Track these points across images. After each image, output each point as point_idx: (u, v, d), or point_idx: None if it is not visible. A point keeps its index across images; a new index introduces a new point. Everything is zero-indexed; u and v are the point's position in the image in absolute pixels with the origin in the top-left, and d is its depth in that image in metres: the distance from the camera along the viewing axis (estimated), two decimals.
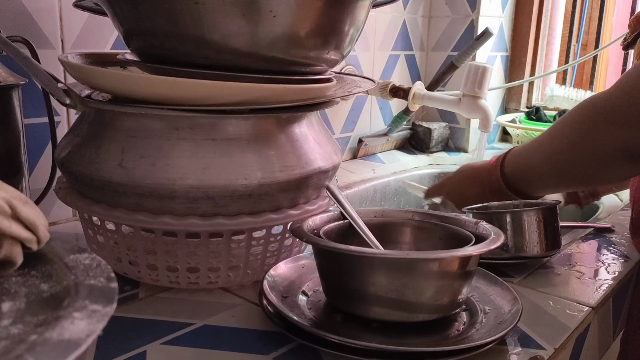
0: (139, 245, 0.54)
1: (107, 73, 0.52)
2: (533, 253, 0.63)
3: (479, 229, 0.53)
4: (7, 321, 0.31)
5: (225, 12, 0.47)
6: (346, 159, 1.22)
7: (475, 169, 0.77)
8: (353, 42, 0.57)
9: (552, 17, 1.48)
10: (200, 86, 0.48)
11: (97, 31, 0.77)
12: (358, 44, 1.16)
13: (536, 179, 0.70)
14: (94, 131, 0.53)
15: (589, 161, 0.63)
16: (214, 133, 0.51)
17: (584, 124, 0.62)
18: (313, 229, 0.53)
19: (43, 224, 0.36)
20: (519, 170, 0.71)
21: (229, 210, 0.52)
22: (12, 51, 0.49)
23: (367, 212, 0.58)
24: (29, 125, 0.72)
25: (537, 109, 1.35)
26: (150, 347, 0.47)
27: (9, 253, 0.34)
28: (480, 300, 0.54)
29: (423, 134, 1.32)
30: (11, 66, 0.61)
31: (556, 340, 0.50)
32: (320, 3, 0.50)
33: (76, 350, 0.28)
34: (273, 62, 0.52)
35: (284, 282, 0.55)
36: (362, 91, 0.64)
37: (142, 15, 0.50)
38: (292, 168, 0.53)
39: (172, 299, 0.56)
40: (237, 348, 0.48)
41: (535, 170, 0.70)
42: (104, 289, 0.34)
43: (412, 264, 0.46)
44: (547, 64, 1.49)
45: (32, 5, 0.70)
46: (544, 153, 0.67)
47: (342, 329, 0.49)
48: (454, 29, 1.33)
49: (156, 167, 0.50)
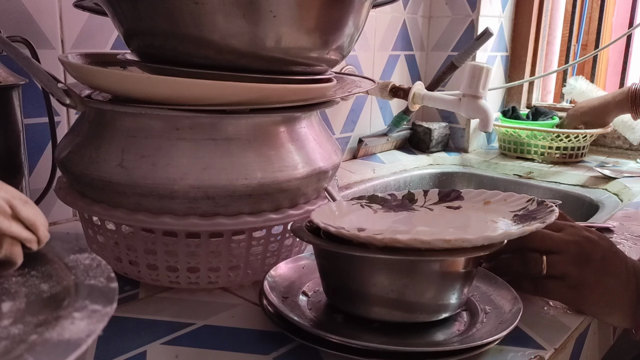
0: (139, 245, 0.54)
1: (107, 73, 0.52)
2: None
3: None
4: (7, 321, 0.31)
5: (225, 12, 0.47)
6: (346, 159, 1.22)
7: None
8: (353, 42, 0.57)
9: (552, 17, 1.48)
10: (200, 86, 0.48)
11: (97, 31, 0.77)
12: (358, 44, 1.16)
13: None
14: (94, 131, 0.53)
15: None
16: (214, 133, 0.51)
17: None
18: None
19: (43, 224, 0.36)
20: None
21: (229, 210, 0.52)
22: (12, 51, 0.49)
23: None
24: (29, 125, 0.72)
25: (514, 108, 1.36)
26: (150, 347, 0.47)
27: (9, 253, 0.34)
28: (480, 300, 0.54)
29: (423, 134, 1.32)
30: (11, 66, 0.61)
31: (556, 340, 0.50)
32: (320, 3, 0.50)
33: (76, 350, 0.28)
34: (273, 62, 0.52)
35: (284, 283, 0.55)
36: (362, 91, 0.64)
37: (142, 15, 0.50)
38: (292, 168, 0.53)
39: (172, 299, 0.56)
40: (237, 348, 0.48)
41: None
42: (104, 289, 0.34)
43: (413, 264, 0.46)
44: (547, 64, 1.49)
45: (32, 5, 0.70)
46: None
47: (343, 329, 0.49)
48: (454, 29, 1.33)
49: (156, 167, 0.50)
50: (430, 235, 0.43)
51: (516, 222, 0.52)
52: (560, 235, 0.54)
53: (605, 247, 0.54)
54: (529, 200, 0.55)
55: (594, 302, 0.54)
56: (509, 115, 1.34)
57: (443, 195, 0.60)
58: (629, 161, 1.27)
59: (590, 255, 0.53)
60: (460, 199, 0.59)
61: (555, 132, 1.22)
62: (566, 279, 0.53)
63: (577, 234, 0.54)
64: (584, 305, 0.54)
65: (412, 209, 0.59)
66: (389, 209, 0.59)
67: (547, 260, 0.53)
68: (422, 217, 0.57)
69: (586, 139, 1.23)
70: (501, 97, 1.47)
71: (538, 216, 0.51)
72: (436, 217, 0.57)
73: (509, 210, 0.55)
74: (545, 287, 0.54)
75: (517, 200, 0.56)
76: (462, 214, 0.57)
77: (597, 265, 0.53)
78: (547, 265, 0.53)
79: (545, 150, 1.24)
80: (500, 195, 0.58)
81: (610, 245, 0.55)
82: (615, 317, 0.55)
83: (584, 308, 0.55)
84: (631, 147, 1.34)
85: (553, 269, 0.53)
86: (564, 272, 0.53)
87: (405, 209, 0.59)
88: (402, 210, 0.59)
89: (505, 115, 1.34)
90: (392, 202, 0.61)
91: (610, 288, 0.53)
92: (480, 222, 0.54)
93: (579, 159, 1.25)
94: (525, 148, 1.27)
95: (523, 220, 0.51)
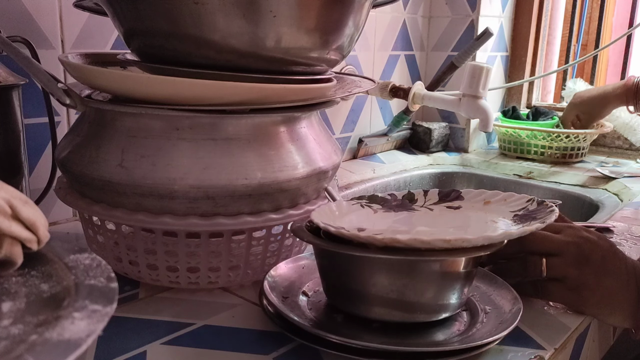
0: (139, 245, 0.54)
1: (107, 73, 0.52)
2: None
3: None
4: (8, 321, 0.31)
5: (225, 12, 0.47)
6: (346, 159, 1.22)
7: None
8: (353, 42, 0.57)
9: (552, 17, 1.48)
10: (200, 86, 0.48)
11: (97, 31, 0.77)
12: (358, 44, 1.16)
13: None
14: (94, 131, 0.53)
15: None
16: (214, 133, 0.51)
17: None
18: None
19: (43, 224, 0.36)
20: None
21: (229, 210, 0.52)
22: (12, 51, 0.49)
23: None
24: (29, 125, 0.72)
25: (514, 108, 1.36)
26: (150, 347, 0.47)
27: (9, 253, 0.34)
28: (480, 300, 0.54)
29: (423, 134, 1.32)
30: (11, 66, 0.61)
31: (556, 340, 0.50)
32: (320, 3, 0.50)
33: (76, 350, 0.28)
34: (273, 62, 0.52)
35: (284, 283, 0.55)
36: (362, 91, 0.64)
37: (142, 15, 0.50)
38: (292, 168, 0.53)
39: (172, 299, 0.56)
40: (237, 348, 0.48)
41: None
42: (104, 289, 0.34)
43: (413, 264, 0.46)
44: (547, 64, 1.49)
45: (32, 5, 0.70)
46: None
47: (343, 329, 0.49)
48: (454, 29, 1.33)
49: (156, 167, 0.50)
50: (430, 235, 0.43)
51: (516, 222, 0.52)
52: (560, 237, 0.54)
53: (604, 247, 0.54)
54: (529, 200, 0.55)
55: (595, 303, 0.54)
56: (509, 115, 1.34)
57: (443, 195, 0.60)
58: (629, 161, 1.27)
59: (590, 256, 0.53)
60: (460, 199, 0.59)
61: (555, 132, 1.22)
62: (566, 281, 0.53)
63: (576, 235, 0.54)
64: (585, 306, 0.54)
65: (412, 209, 0.59)
66: (389, 209, 0.59)
67: (546, 263, 0.53)
68: (422, 217, 0.57)
69: (586, 139, 1.23)
70: (501, 97, 1.47)
71: (538, 216, 0.51)
72: (436, 217, 0.57)
73: (509, 210, 0.55)
74: (546, 289, 0.55)
75: (517, 200, 0.56)
76: (462, 214, 0.57)
77: (597, 266, 0.53)
78: (547, 268, 0.53)
79: (545, 150, 1.24)
80: (500, 195, 0.58)
81: (610, 246, 0.55)
82: (616, 318, 0.55)
83: (585, 309, 0.55)
84: (631, 147, 1.34)
85: (553, 271, 0.53)
86: (564, 274, 0.53)
87: (405, 209, 0.59)
88: (402, 210, 0.59)
89: (505, 115, 1.35)
90: (392, 202, 0.61)
91: (611, 288, 0.53)
92: (480, 222, 0.54)
93: (579, 159, 1.25)
94: (525, 148, 1.27)
95: (523, 220, 0.51)
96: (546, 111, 1.35)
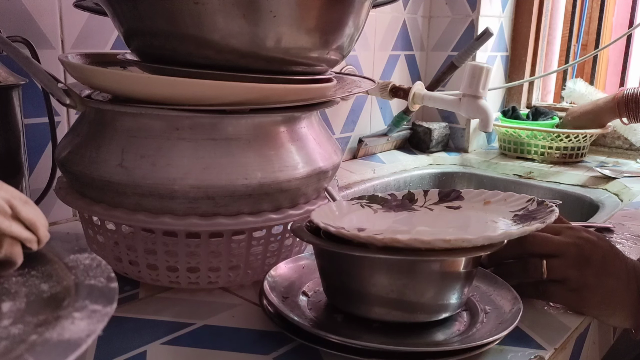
0: (139, 245, 0.54)
1: (107, 73, 0.52)
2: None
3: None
4: (8, 321, 0.31)
5: (225, 12, 0.47)
6: (346, 159, 1.22)
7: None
8: (353, 42, 0.57)
9: (552, 17, 1.48)
10: (200, 86, 0.48)
11: (97, 31, 0.77)
12: (358, 44, 1.16)
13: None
14: (94, 131, 0.53)
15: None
16: (214, 133, 0.51)
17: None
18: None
19: (43, 224, 0.36)
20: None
21: (229, 210, 0.52)
22: (12, 51, 0.49)
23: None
24: (29, 125, 0.72)
25: (514, 108, 1.36)
26: (150, 347, 0.47)
27: (9, 253, 0.34)
28: (480, 300, 0.54)
29: (423, 134, 1.32)
30: (11, 66, 0.61)
31: (556, 340, 0.50)
32: (320, 3, 0.50)
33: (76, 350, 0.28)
34: (273, 62, 0.52)
35: (284, 283, 0.55)
36: (362, 91, 0.64)
37: (142, 15, 0.50)
38: (292, 168, 0.53)
39: (172, 299, 0.56)
40: (237, 348, 0.48)
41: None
42: (104, 289, 0.34)
43: (413, 264, 0.46)
44: (547, 64, 1.49)
45: (32, 5, 0.70)
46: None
47: (343, 329, 0.49)
48: (454, 29, 1.33)
49: (156, 167, 0.50)
50: (430, 235, 0.43)
51: (516, 222, 0.52)
52: (560, 239, 0.54)
53: (604, 248, 0.54)
54: (529, 200, 0.55)
55: (596, 304, 0.54)
56: (509, 115, 1.34)
57: (443, 195, 0.60)
58: (629, 161, 1.27)
59: (590, 257, 0.53)
60: (460, 199, 0.59)
61: (555, 132, 1.22)
62: (567, 282, 0.53)
63: (576, 236, 0.54)
64: (586, 307, 0.54)
65: (412, 209, 0.59)
66: (389, 209, 0.59)
67: (547, 264, 0.53)
68: (422, 217, 0.57)
69: (586, 139, 1.23)
70: (501, 97, 1.47)
71: (538, 216, 0.51)
72: (436, 217, 0.57)
73: (509, 210, 0.55)
74: (547, 291, 0.55)
75: (517, 200, 0.56)
76: (462, 214, 0.57)
77: (597, 267, 0.53)
78: (548, 269, 0.53)
79: (545, 150, 1.24)
80: (500, 195, 0.58)
81: (610, 246, 0.55)
82: (616, 318, 0.55)
83: (586, 310, 0.55)
84: (631, 147, 1.34)
85: (553, 273, 0.53)
86: (565, 275, 0.53)
87: (405, 209, 0.59)
88: (402, 210, 0.59)
89: (505, 115, 1.35)
90: (392, 202, 0.61)
91: (611, 289, 0.53)
92: (480, 222, 0.54)
93: (579, 159, 1.25)
94: (525, 148, 1.27)
95: (523, 220, 0.51)
96: (546, 111, 1.35)
